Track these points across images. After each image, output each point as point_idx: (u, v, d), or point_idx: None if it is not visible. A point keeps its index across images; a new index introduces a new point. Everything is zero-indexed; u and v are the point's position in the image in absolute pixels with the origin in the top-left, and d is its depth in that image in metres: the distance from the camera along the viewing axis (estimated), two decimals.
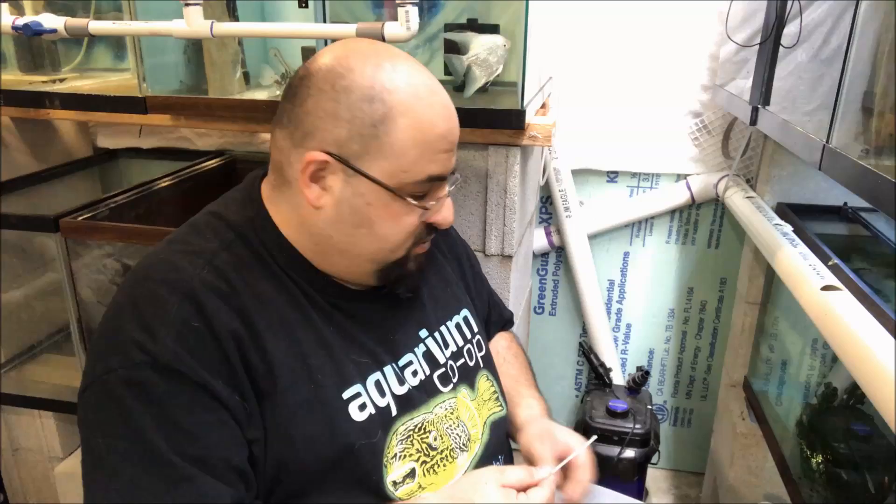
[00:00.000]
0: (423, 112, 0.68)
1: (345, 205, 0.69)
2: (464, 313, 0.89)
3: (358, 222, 0.70)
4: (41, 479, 1.65)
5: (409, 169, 0.68)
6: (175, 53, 1.38)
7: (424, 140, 0.68)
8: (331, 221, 0.70)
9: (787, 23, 1.21)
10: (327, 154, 0.67)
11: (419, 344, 0.81)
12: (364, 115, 0.66)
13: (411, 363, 0.79)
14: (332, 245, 0.72)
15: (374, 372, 0.75)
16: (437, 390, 0.80)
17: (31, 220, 1.35)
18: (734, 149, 1.71)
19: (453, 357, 0.84)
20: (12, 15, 1.20)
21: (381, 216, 0.70)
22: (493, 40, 1.17)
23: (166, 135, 1.80)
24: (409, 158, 0.68)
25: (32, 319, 1.55)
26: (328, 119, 0.67)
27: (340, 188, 0.69)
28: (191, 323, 0.64)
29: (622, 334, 2.00)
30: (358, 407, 0.71)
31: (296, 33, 1.17)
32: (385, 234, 0.71)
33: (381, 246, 0.72)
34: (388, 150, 0.67)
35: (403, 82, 0.67)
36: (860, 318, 0.92)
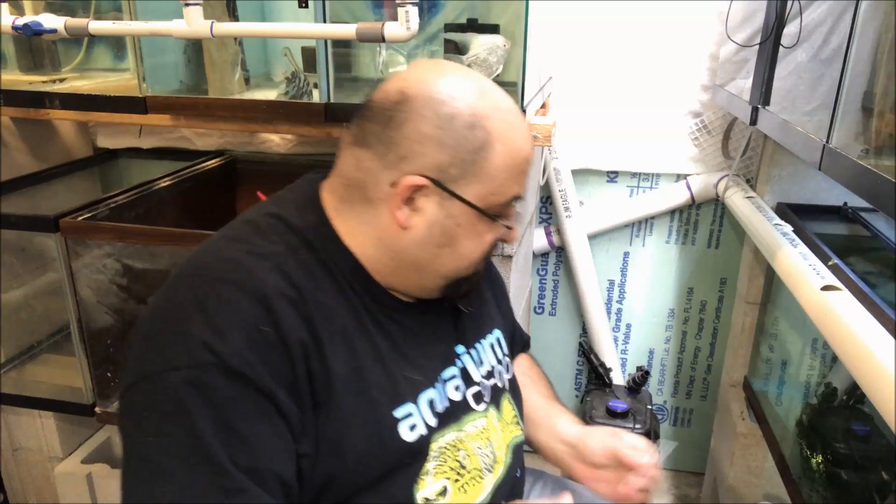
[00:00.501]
0: (515, 137, 0.71)
1: (436, 226, 0.70)
2: (497, 334, 0.89)
3: (444, 242, 0.71)
4: (41, 479, 1.65)
5: (499, 191, 0.70)
6: (175, 53, 1.39)
7: (515, 164, 0.71)
8: (418, 241, 0.71)
9: (787, 23, 1.21)
10: (426, 178, 0.68)
11: (457, 359, 0.80)
12: (466, 142, 0.68)
13: (454, 377, 0.78)
14: (411, 262, 0.72)
15: (427, 389, 0.74)
16: (470, 408, 0.79)
17: (31, 220, 1.35)
18: (734, 149, 1.72)
19: (487, 376, 0.83)
20: (12, 15, 1.20)
21: (466, 235, 0.71)
22: (493, 40, 1.17)
23: (166, 135, 1.80)
24: (501, 181, 0.70)
25: (32, 319, 1.56)
26: (430, 144, 0.67)
27: (434, 210, 0.69)
28: (261, 327, 0.62)
29: (622, 334, 2.00)
30: (409, 427, 0.71)
31: (296, 33, 1.18)
32: (467, 252, 0.73)
33: (460, 264, 0.73)
34: (485, 174, 0.69)
35: (498, 108, 0.70)
36: (860, 318, 0.92)
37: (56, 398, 1.50)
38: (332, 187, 0.75)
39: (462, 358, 0.81)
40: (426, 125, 0.67)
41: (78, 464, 1.60)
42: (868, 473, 1.14)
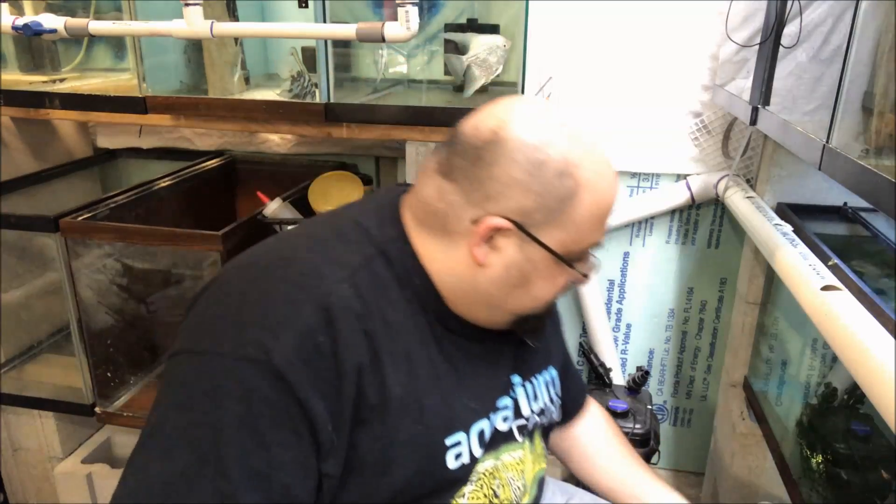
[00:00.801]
0: (604, 186, 0.69)
1: (514, 268, 0.69)
2: (553, 372, 0.88)
3: (519, 283, 0.70)
4: (41, 479, 1.65)
5: (580, 239, 0.70)
6: (175, 53, 1.39)
7: (599, 213, 0.70)
8: (492, 279, 0.70)
9: (787, 23, 1.21)
10: (509, 220, 0.67)
11: (511, 389, 0.80)
12: (555, 190, 0.66)
13: (507, 408, 0.78)
14: (483, 298, 0.71)
15: (481, 420, 0.73)
16: (513, 438, 0.78)
17: (31, 220, 1.35)
18: (734, 149, 1.71)
19: (539, 413, 0.82)
20: (12, 15, 1.20)
21: (541, 278, 0.71)
22: (493, 40, 1.17)
23: (166, 135, 1.80)
24: (584, 230, 0.69)
25: (32, 319, 1.56)
26: (517, 188, 0.66)
27: (513, 252, 0.68)
28: (317, 336, 0.61)
29: (622, 334, 2.00)
30: (455, 455, 0.70)
31: (296, 33, 1.18)
32: (541, 294, 0.72)
33: (532, 304, 0.73)
34: (569, 223, 0.68)
35: (589, 157, 0.68)
36: (860, 318, 0.92)
37: (56, 398, 1.50)
38: (411, 208, 0.73)
39: (516, 389, 0.80)
40: (516, 169, 0.66)
41: (78, 464, 1.60)
42: (868, 473, 1.14)
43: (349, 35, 1.07)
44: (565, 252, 0.69)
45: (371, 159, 1.81)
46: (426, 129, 1.20)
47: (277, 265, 0.66)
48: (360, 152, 1.78)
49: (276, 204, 1.44)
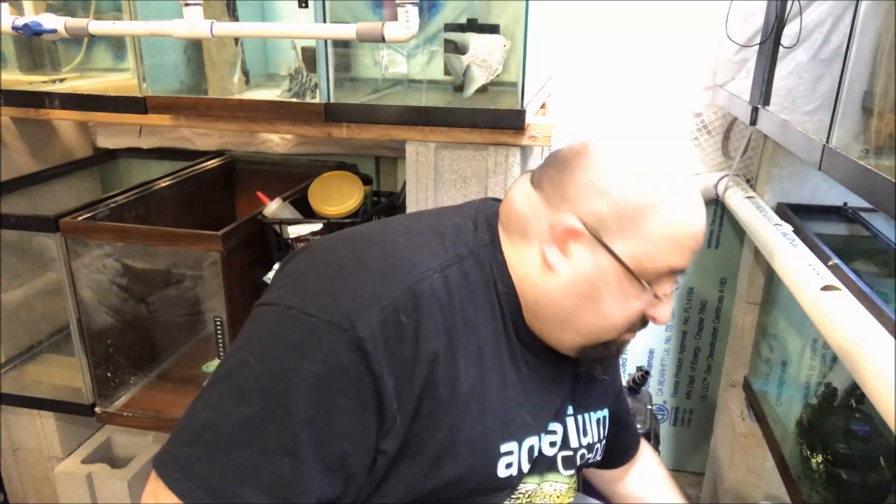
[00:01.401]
0: (685, 209, 0.68)
1: (582, 276, 0.69)
2: (604, 412, 0.88)
3: (588, 295, 0.69)
4: (41, 479, 1.65)
5: (656, 258, 0.68)
6: (175, 53, 1.39)
7: (677, 235, 0.68)
8: (562, 286, 0.70)
9: (787, 23, 1.21)
10: (582, 223, 0.68)
11: (565, 418, 0.80)
12: (630, 196, 0.67)
13: (555, 433, 0.78)
14: (553, 311, 0.71)
15: (532, 435, 0.74)
16: (556, 469, 0.79)
17: (31, 220, 1.35)
18: (734, 149, 1.71)
19: (588, 447, 0.82)
20: (12, 15, 1.20)
21: (612, 293, 0.69)
22: (493, 40, 1.17)
23: (166, 135, 1.80)
24: (659, 248, 0.68)
25: (32, 319, 1.56)
26: (593, 191, 0.68)
27: (584, 259, 0.69)
28: (401, 317, 0.63)
29: None
30: (506, 464, 0.71)
31: (296, 33, 1.18)
32: (609, 312, 0.70)
33: (599, 323, 0.71)
34: (643, 236, 0.67)
35: (672, 172, 0.69)
36: (860, 318, 0.92)
37: (56, 398, 1.50)
38: (502, 216, 0.75)
39: (567, 419, 0.80)
40: (596, 174, 0.68)
41: (78, 464, 1.60)
42: (868, 473, 1.14)
43: (349, 35, 1.07)
44: (638, 268, 0.68)
45: (371, 159, 1.81)
46: (426, 129, 1.20)
47: (377, 245, 0.69)
48: (360, 152, 1.78)
49: (276, 204, 1.44)
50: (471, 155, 1.23)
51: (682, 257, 0.69)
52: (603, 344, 0.73)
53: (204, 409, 0.62)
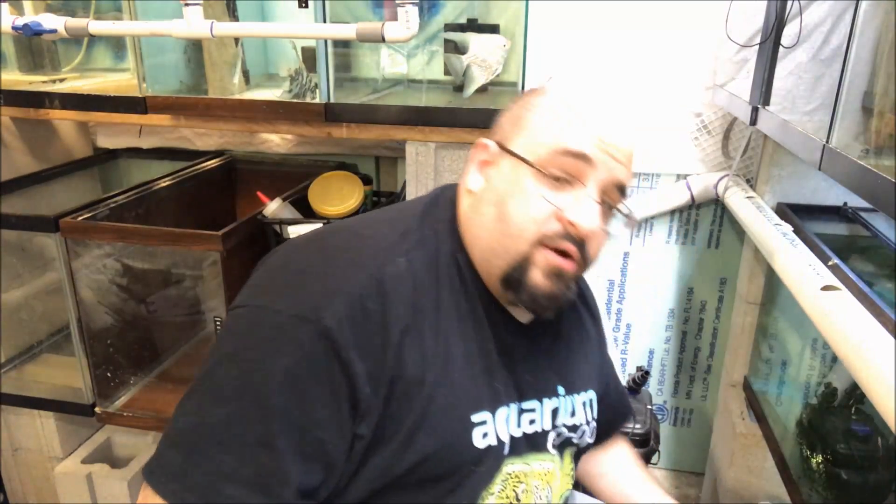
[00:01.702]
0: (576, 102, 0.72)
1: (489, 186, 0.73)
2: (591, 395, 0.88)
3: (495, 201, 0.71)
4: (41, 479, 1.65)
5: (545, 141, 0.70)
6: (175, 53, 1.39)
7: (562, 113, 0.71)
8: (478, 205, 0.73)
9: (787, 23, 1.21)
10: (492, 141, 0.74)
11: (553, 397, 0.80)
12: (525, 104, 0.74)
13: (533, 410, 0.77)
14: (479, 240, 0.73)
15: (504, 405, 0.74)
16: (545, 447, 0.78)
17: (31, 220, 1.35)
18: (734, 149, 1.71)
19: (573, 428, 0.82)
20: (12, 15, 1.20)
21: (520, 192, 0.70)
22: (493, 40, 1.17)
23: (166, 135, 1.80)
24: (545, 128, 0.71)
25: (32, 319, 1.56)
26: (506, 121, 0.75)
27: (494, 172, 0.73)
28: (367, 303, 0.64)
29: (622, 334, 2.00)
30: (482, 434, 0.71)
31: (296, 33, 1.18)
32: (517, 210, 0.70)
33: (505, 229, 0.70)
34: (530, 125, 0.72)
35: (575, 90, 0.73)
36: (860, 318, 0.92)
37: (56, 398, 1.50)
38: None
39: (559, 399, 0.80)
40: (516, 108, 0.75)
41: (78, 464, 1.60)
42: (868, 473, 1.14)
43: (349, 35, 1.07)
44: (532, 155, 0.70)
45: (371, 159, 1.82)
46: (426, 129, 1.20)
47: (341, 237, 0.72)
48: (360, 152, 1.78)
49: (276, 204, 1.44)
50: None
51: (575, 136, 0.70)
52: (520, 264, 0.70)
53: (185, 415, 0.64)
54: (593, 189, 0.70)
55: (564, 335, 0.85)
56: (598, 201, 0.70)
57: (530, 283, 0.70)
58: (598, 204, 0.71)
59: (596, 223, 0.70)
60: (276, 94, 1.38)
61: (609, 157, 0.71)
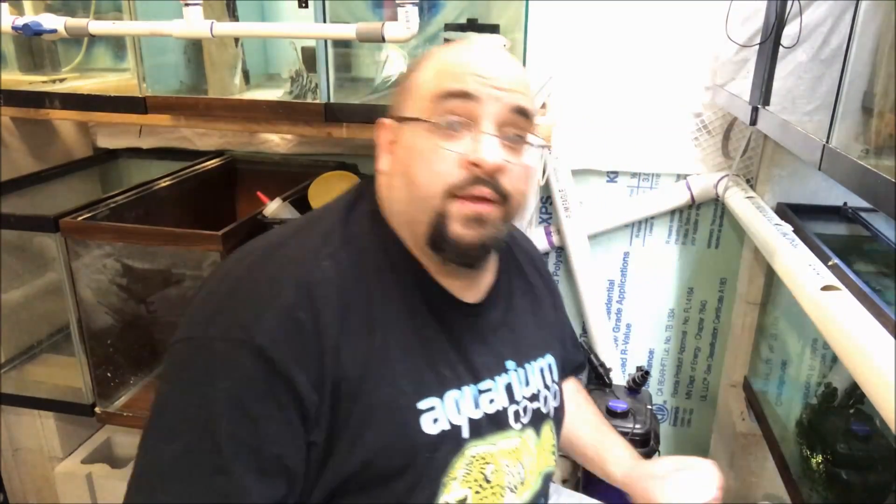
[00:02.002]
0: (448, 49, 0.74)
1: (395, 159, 0.74)
2: (549, 359, 0.88)
3: (402, 171, 0.72)
4: (41, 479, 1.65)
5: (430, 96, 0.71)
6: (175, 53, 1.39)
7: (442, 67, 0.72)
8: (389, 181, 0.74)
9: (787, 23, 1.21)
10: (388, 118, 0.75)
11: (503, 373, 0.79)
12: (407, 72, 0.76)
13: (490, 390, 0.77)
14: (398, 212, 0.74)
15: (453, 389, 0.73)
16: (508, 425, 0.78)
17: (31, 220, 1.35)
18: (734, 149, 1.72)
19: (531, 398, 0.82)
20: (12, 15, 1.20)
21: (414, 156, 0.71)
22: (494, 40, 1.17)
23: (166, 135, 1.80)
24: (429, 85, 0.71)
25: (32, 319, 1.56)
26: (396, 94, 0.76)
27: (397, 147, 0.74)
28: (297, 313, 0.64)
29: (622, 334, 2.00)
30: (432, 420, 0.71)
31: (296, 33, 1.18)
32: (417, 174, 0.70)
33: (415, 192, 0.70)
34: (413, 86, 0.73)
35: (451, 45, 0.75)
36: (860, 318, 0.92)
37: (56, 398, 1.50)
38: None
39: (510, 373, 0.80)
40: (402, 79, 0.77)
41: (78, 464, 1.60)
42: (868, 473, 1.14)
43: (349, 35, 1.07)
44: (419, 110, 0.71)
45: (371, 159, 1.81)
46: None
47: (264, 251, 0.71)
48: (360, 152, 1.78)
49: (276, 204, 1.44)
50: None
51: (453, 77, 0.70)
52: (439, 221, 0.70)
53: (142, 456, 0.65)
54: (488, 124, 0.70)
55: (516, 307, 0.85)
56: (495, 134, 0.70)
57: (452, 236, 0.70)
58: (497, 137, 0.70)
59: (498, 156, 0.69)
60: (277, 95, 1.38)
61: (494, 89, 0.70)
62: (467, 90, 0.69)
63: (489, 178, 0.69)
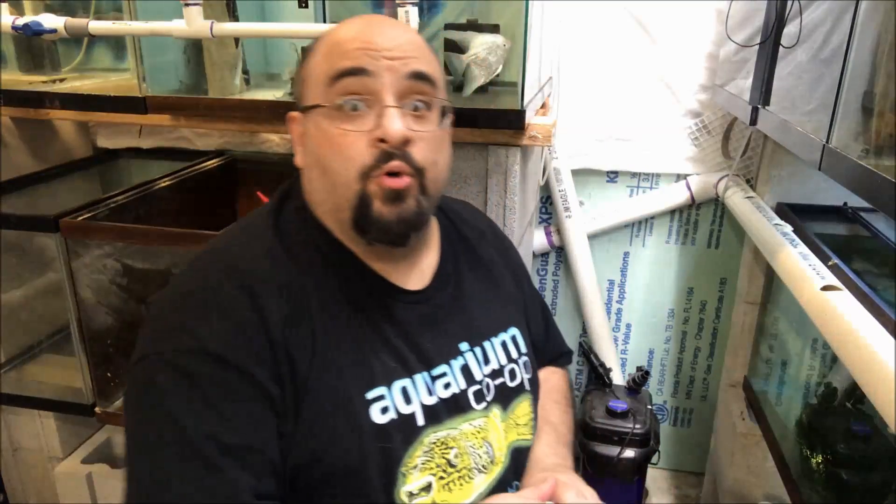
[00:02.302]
0: (339, 28, 0.72)
1: (307, 151, 0.73)
2: (512, 332, 0.87)
3: (315, 162, 0.72)
4: (41, 479, 1.65)
5: (325, 79, 0.70)
6: (175, 53, 1.38)
7: (333, 49, 0.71)
8: (308, 173, 0.74)
9: (787, 23, 1.21)
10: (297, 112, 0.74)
11: (457, 356, 0.79)
12: (303, 66, 0.74)
13: (445, 375, 0.77)
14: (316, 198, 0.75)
15: (402, 378, 0.73)
16: (469, 407, 0.77)
17: (31, 220, 1.35)
18: (734, 149, 1.72)
19: (492, 375, 0.81)
20: (12, 15, 1.20)
21: (323, 144, 0.70)
22: (493, 40, 1.17)
23: (166, 135, 1.80)
24: (323, 69, 0.70)
25: (32, 319, 1.55)
26: (298, 86, 0.75)
27: (307, 139, 0.73)
28: (244, 312, 0.66)
29: (622, 334, 2.00)
30: (380, 410, 0.71)
31: (296, 33, 1.17)
32: (332, 165, 0.70)
33: (334, 180, 0.70)
34: (311, 77, 0.72)
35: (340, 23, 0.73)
36: (860, 318, 0.92)
37: (56, 398, 1.50)
38: None
39: (465, 355, 0.80)
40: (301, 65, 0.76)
41: (78, 464, 1.60)
42: (868, 473, 1.14)
43: None
44: (320, 96, 0.70)
45: None
46: None
47: (205, 259, 0.73)
48: None
49: None
50: (471, 155, 1.23)
51: (341, 56, 0.70)
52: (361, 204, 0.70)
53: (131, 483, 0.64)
54: (389, 97, 0.69)
55: (466, 286, 0.84)
56: (395, 105, 0.69)
57: (374, 216, 0.70)
58: (397, 108, 0.69)
59: (400, 126, 0.68)
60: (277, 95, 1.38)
61: (386, 60, 0.69)
62: (359, 66, 0.69)
63: (399, 152, 0.69)
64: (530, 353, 0.88)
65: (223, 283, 0.68)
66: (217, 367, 0.63)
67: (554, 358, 1.01)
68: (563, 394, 0.97)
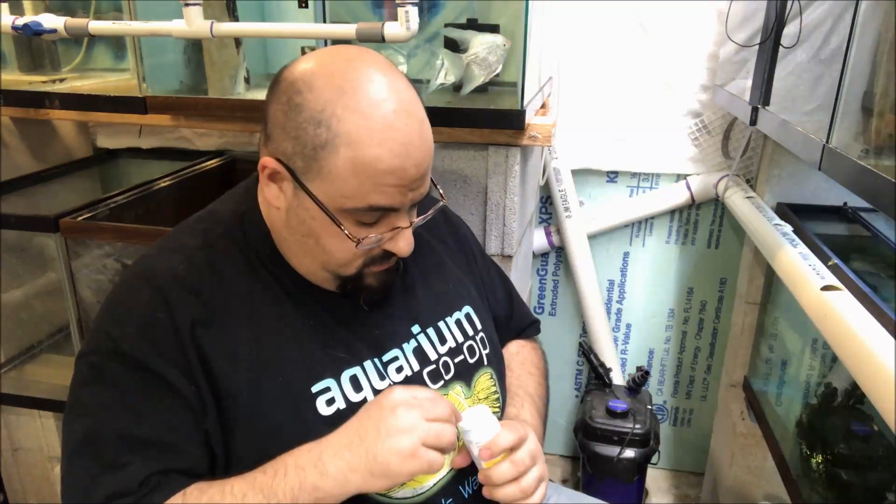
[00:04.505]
0: (369, 146, 0.65)
1: (293, 213, 0.71)
2: (466, 310, 0.88)
3: (305, 232, 0.71)
4: (41, 479, 1.65)
5: (351, 196, 0.67)
6: (175, 53, 1.38)
7: (366, 173, 0.66)
8: (284, 223, 0.73)
9: (787, 23, 1.21)
10: (279, 163, 0.69)
11: (409, 340, 0.81)
12: (308, 138, 0.66)
13: (396, 359, 0.79)
14: (291, 245, 0.74)
15: (351, 367, 0.75)
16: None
17: (31, 220, 1.35)
18: (734, 149, 1.72)
19: (450, 353, 0.83)
20: (12, 15, 1.20)
21: (326, 233, 0.70)
22: (493, 39, 1.17)
23: (166, 135, 1.80)
24: (350, 186, 0.66)
25: (32, 319, 1.55)
26: (279, 130, 0.68)
27: (290, 197, 0.70)
28: (156, 314, 0.69)
29: (622, 334, 2.00)
30: (326, 402, 0.72)
31: (296, 33, 1.17)
32: (330, 250, 0.71)
33: (328, 259, 0.72)
34: (327, 175, 0.66)
35: (358, 112, 0.65)
36: (860, 318, 0.92)
37: (56, 398, 1.50)
38: None
39: (418, 337, 0.81)
40: (279, 111, 0.68)
41: None
42: (868, 473, 1.14)
43: (349, 35, 1.07)
44: (336, 207, 0.68)
45: None
46: None
47: (129, 273, 0.76)
48: None
49: None
50: (471, 155, 1.23)
51: (385, 194, 0.67)
52: (350, 278, 0.74)
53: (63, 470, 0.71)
54: (405, 220, 0.72)
55: (413, 272, 0.85)
56: (408, 226, 0.72)
57: (364, 285, 0.75)
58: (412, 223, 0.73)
59: (412, 246, 0.73)
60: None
61: (411, 192, 0.70)
62: (392, 205, 0.69)
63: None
64: (489, 328, 0.90)
65: (142, 286, 0.71)
66: (128, 366, 0.68)
67: (522, 329, 1.02)
68: (535, 364, 0.99)
